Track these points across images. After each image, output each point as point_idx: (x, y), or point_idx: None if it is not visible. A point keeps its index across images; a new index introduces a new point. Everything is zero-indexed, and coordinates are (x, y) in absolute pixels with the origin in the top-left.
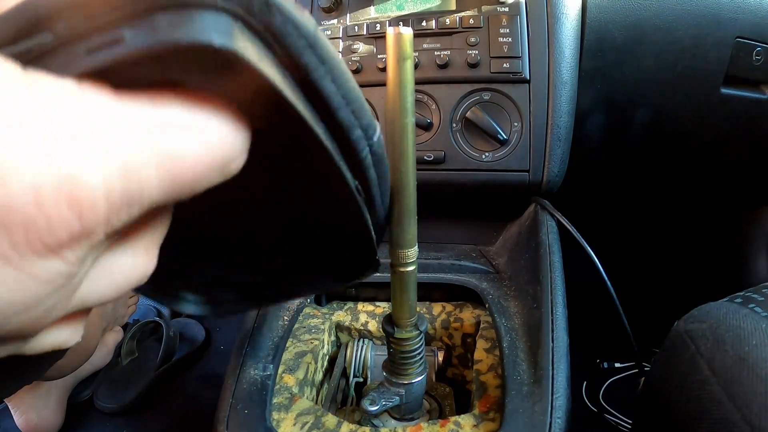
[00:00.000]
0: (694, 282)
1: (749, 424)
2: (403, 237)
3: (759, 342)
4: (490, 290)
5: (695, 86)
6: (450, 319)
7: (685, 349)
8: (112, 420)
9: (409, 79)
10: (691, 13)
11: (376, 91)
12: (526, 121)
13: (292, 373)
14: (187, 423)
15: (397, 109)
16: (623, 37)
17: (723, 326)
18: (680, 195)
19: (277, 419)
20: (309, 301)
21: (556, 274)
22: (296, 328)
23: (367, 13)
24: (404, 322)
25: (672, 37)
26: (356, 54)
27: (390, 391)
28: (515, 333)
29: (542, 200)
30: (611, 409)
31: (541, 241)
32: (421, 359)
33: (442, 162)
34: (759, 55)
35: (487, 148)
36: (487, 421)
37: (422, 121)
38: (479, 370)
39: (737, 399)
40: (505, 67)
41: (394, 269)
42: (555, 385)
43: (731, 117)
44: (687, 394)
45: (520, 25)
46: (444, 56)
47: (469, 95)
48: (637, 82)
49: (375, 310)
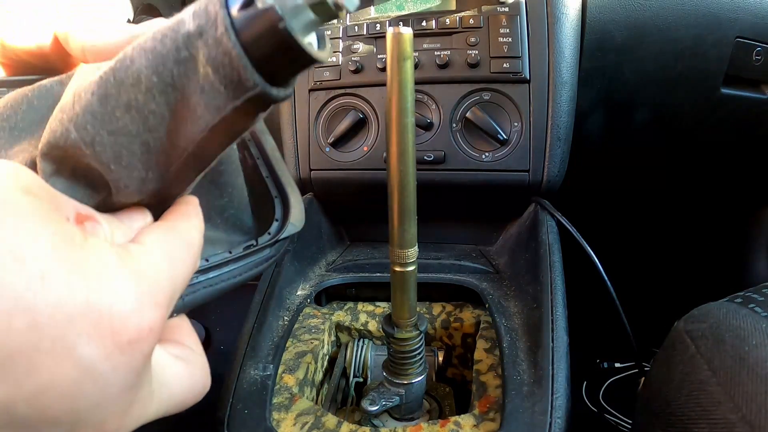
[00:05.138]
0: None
1: (749, 424)
2: (403, 237)
3: (759, 342)
4: (490, 290)
5: (695, 86)
6: (450, 319)
7: (685, 349)
8: None
9: (409, 79)
10: (691, 13)
11: (376, 91)
12: (526, 121)
13: (292, 373)
14: (187, 423)
15: (397, 109)
16: (623, 37)
17: (723, 326)
18: (680, 195)
19: (277, 419)
20: (309, 301)
21: (556, 274)
22: (296, 328)
23: (367, 13)
24: (404, 322)
25: (672, 37)
26: (356, 54)
27: (390, 391)
28: (515, 333)
29: (542, 200)
30: (611, 409)
31: (541, 241)
32: (421, 359)
33: (442, 162)
34: (759, 55)
35: (487, 148)
36: (487, 421)
37: (422, 121)
38: (479, 370)
39: (737, 399)
40: (505, 67)
41: (394, 269)
42: (555, 385)
43: (731, 117)
44: (687, 394)
45: (520, 25)
46: (444, 56)
47: (469, 95)
48: (637, 82)
49: (375, 310)
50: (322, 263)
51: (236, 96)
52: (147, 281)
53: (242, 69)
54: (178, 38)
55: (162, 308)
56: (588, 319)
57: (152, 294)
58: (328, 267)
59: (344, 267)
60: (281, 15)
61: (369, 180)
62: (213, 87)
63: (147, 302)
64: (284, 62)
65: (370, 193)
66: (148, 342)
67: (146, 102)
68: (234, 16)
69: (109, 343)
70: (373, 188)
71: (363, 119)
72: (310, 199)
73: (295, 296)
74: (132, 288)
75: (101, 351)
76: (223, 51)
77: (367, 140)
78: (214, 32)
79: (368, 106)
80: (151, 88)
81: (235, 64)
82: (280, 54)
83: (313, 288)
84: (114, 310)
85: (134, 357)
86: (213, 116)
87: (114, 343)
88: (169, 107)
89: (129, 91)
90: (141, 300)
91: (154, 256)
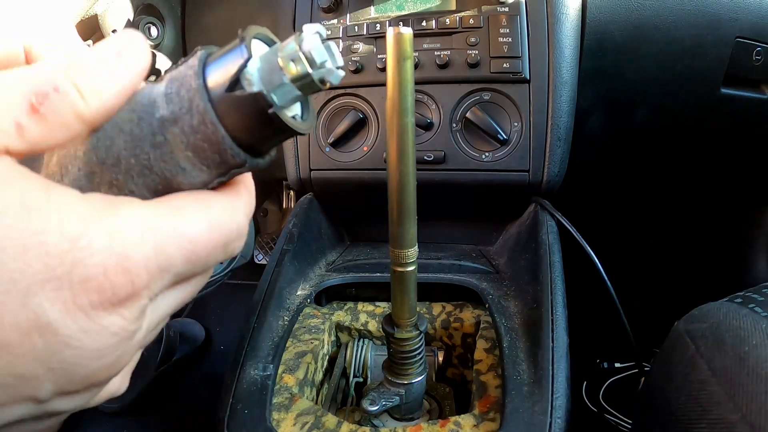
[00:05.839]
0: (694, 282)
1: (749, 423)
2: (403, 237)
3: (759, 342)
4: (490, 290)
5: (695, 86)
6: (450, 319)
7: (685, 349)
8: (112, 420)
9: (409, 79)
10: (691, 13)
11: (376, 91)
12: (526, 121)
13: (292, 373)
14: (187, 423)
15: (397, 109)
16: (623, 37)
17: (723, 326)
18: (680, 195)
19: (277, 419)
20: (309, 302)
21: (556, 274)
22: (296, 328)
23: (367, 13)
24: (404, 322)
25: (672, 37)
26: (356, 54)
27: (390, 391)
28: (515, 333)
29: (542, 200)
30: (611, 409)
31: (541, 241)
32: (421, 359)
33: (442, 162)
34: (759, 55)
35: (487, 148)
36: (487, 421)
37: (422, 121)
38: (479, 370)
39: (737, 399)
40: (505, 67)
41: (394, 269)
42: (555, 385)
43: (731, 117)
44: (687, 394)
45: (520, 25)
46: (444, 56)
47: (469, 95)
48: (637, 82)
49: (375, 310)
50: (322, 263)
51: (220, 173)
52: (121, 244)
53: (228, 152)
54: (153, 122)
55: (136, 276)
56: (588, 319)
57: (123, 259)
58: (328, 267)
59: (344, 267)
60: (271, 101)
61: (369, 180)
62: (195, 167)
63: (115, 265)
64: (269, 138)
65: (370, 193)
66: (118, 311)
67: (126, 182)
68: (214, 97)
69: (70, 305)
70: (373, 188)
71: (363, 119)
72: (311, 199)
73: (295, 296)
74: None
75: (60, 309)
76: (203, 137)
77: (367, 140)
78: (190, 120)
79: (368, 106)
80: (130, 170)
81: (219, 148)
82: (267, 133)
83: (313, 288)
84: (78, 269)
85: (101, 322)
86: (197, 187)
87: (76, 305)
88: (148, 188)
89: (111, 171)
90: (108, 261)
91: (133, 231)
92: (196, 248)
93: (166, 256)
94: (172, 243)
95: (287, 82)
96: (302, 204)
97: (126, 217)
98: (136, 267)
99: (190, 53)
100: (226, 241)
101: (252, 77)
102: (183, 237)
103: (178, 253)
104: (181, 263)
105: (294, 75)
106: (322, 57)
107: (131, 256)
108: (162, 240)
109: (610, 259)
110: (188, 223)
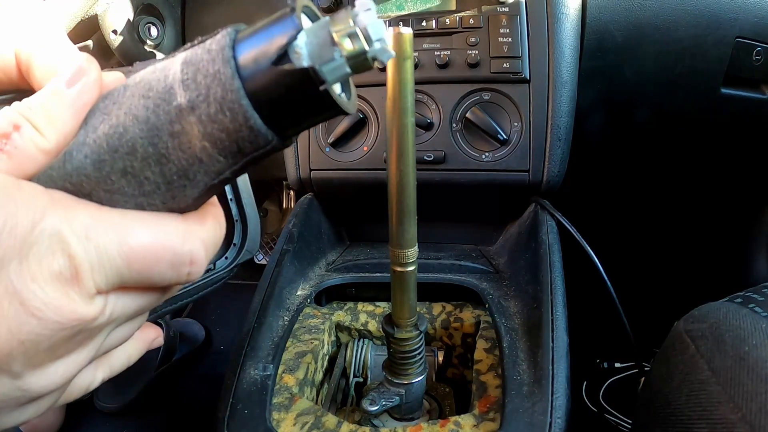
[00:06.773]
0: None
1: (749, 424)
2: (403, 237)
3: (759, 342)
4: (490, 290)
5: (695, 86)
6: (450, 319)
7: (685, 349)
8: (112, 420)
9: (409, 79)
10: (691, 13)
11: (376, 91)
12: (526, 121)
13: (292, 373)
14: (187, 423)
15: (397, 109)
16: (623, 37)
17: (723, 326)
18: (680, 194)
19: (277, 419)
20: (309, 301)
21: (556, 274)
22: (296, 328)
23: None
24: (404, 322)
25: (672, 37)
26: None
27: (390, 391)
28: (515, 333)
29: (542, 200)
30: (611, 409)
31: (541, 241)
32: (421, 359)
33: (442, 162)
34: (759, 55)
35: (487, 148)
36: (487, 421)
37: (422, 121)
38: (479, 370)
39: (737, 399)
40: (505, 67)
41: (394, 269)
42: (555, 385)
43: (731, 117)
44: (687, 394)
45: (520, 25)
46: (444, 56)
47: (469, 95)
48: (637, 82)
49: (375, 310)
50: (322, 263)
51: (236, 161)
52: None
53: (253, 132)
54: (171, 111)
55: (79, 265)
56: (588, 319)
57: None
58: (328, 267)
59: (344, 267)
60: (323, 77)
61: (369, 180)
62: (211, 158)
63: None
64: (308, 117)
65: (370, 193)
66: (68, 290)
67: (142, 169)
68: (246, 76)
69: (31, 278)
70: (373, 188)
71: (363, 119)
72: (311, 199)
73: (295, 296)
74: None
75: (25, 281)
76: (220, 128)
77: (367, 140)
78: (207, 109)
79: (368, 106)
80: (148, 158)
81: (238, 133)
82: (310, 111)
83: (313, 288)
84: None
85: (56, 295)
86: (212, 179)
87: (36, 280)
88: (164, 177)
89: (125, 159)
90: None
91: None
92: (136, 255)
93: (107, 254)
94: (113, 243)
95: (338, 59)
96: (302, 204)
97: (78, 213)
98: (79, 255)
99: (203, 36)
100: (173, 261)
101: (301, 51)
102: (123, 240)
103: (118, 255)
104: (123, 263)
105: (349, 51)
106: (378, 34)
107: (72, 244)
108: (103, 240)
109: (610, 259)
110: (131, 232)
